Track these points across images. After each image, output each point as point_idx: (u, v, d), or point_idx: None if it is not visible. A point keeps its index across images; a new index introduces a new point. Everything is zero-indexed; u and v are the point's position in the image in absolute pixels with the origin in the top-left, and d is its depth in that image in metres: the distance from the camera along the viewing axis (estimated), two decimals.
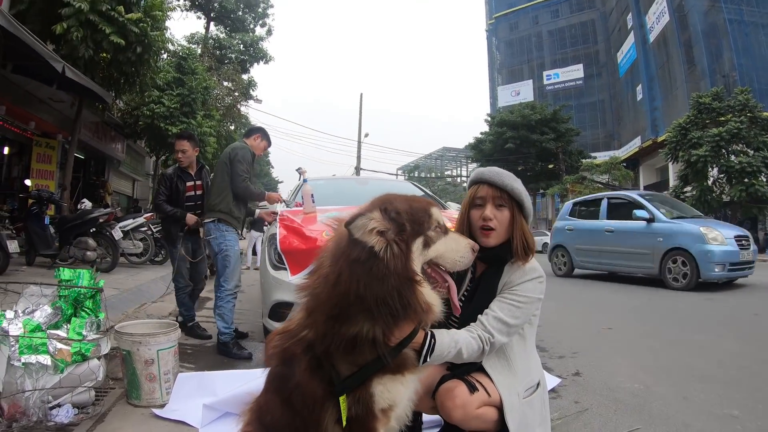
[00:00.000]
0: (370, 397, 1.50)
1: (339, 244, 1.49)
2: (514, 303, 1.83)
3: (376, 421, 1.54)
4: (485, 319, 1.81)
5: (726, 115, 22.66)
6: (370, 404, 1.51)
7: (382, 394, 1.52)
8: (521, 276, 1.87)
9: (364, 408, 1.50)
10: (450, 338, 1.71)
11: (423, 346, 1.62)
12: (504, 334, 1.81)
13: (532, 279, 1.87)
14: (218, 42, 23.47)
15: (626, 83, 43.39)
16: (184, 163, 4.64)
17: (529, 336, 1.98)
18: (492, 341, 1.78)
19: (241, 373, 3.04)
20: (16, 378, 2.31)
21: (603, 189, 30.52)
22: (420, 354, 1.63)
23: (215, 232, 4.15)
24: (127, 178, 20.20)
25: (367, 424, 1.53)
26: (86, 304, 2.72)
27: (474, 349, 1.76)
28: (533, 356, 2.02)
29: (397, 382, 1.55)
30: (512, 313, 1.82)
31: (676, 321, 5.57)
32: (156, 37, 9.12)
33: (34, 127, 11.69)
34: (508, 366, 1.91)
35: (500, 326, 1.79)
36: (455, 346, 1.71)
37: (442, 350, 1.67)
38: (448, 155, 65.62)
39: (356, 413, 1.50)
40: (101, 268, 7.52)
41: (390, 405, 1.55)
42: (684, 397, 3.01)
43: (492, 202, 1.92)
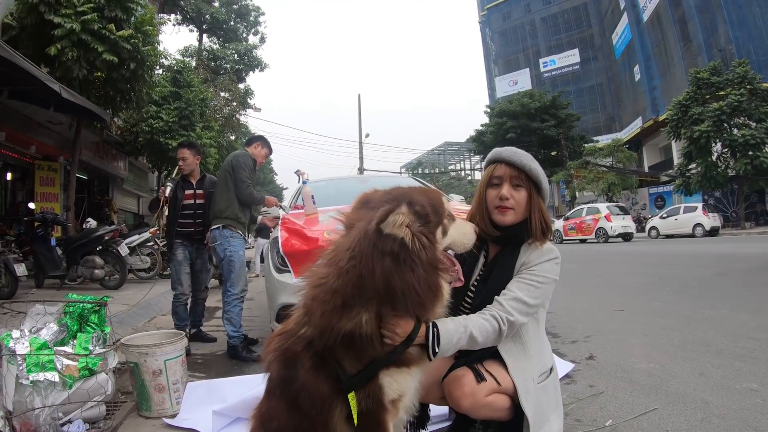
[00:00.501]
0: (379, 389, 1.50)
1: (360, 238, 1.49)
2: (533, 283, 1.80)
3: (386, 413, 1.53)
4: (503, 300, 1.77)
5: (725, 89, 22.57)
6: (380, 396, 1.50)
7: (390, 385, 1.52)
8: (539, 256, 1.84)
9: (374, 401, 1.50)
10: (456, 324, 1.67)
11: (426, 338, 1.59)
12: (524, 314, 1.77)
13: (550, 260, 1.85)
14: (212, 53, 23.50)
15: (623, 64, 43.25)
16: (184, 171, 4.63)
17: (541, 319, 1.95)
18: (511, 320, 1.74)
19: (249, 378, 3.03)
20: (25, 396, 2.31)
21: (607, 173, 30.42)
22: (426, 347, 1.59)
23: (220, 238, 4.22)
24: (132, 195, 20.27)
25: (377, 417, 1.52)
26: (91, 318, 2.72)
27: (488, 330, 1.71)
28: (545, 341, 1.99)
29: (404, 373, 1.55)
30: (531, 293, 1.79)
31: (688, 298, 5.52)
32: (148, 52, 9.12)
33: (35, 150, 11.74)
34: (524, 350, 1.87)
35: (520, 306, 1.76)
36: (464, 330, 1.66)
37: (450, 338, 1.62)
38: (450, 150, 65.70)
39: (366, 407, 1.49)
40: (110, 285, 7.55)
41: (399, 395, 1.54)
42: (701, 373, 2.97)
43: (509, 182, 1.89)
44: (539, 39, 52.36)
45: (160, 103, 13.50)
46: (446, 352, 1.64)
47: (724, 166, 22.97)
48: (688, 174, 24.29)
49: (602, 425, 2.31)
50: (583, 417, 2.42)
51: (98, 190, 16.84)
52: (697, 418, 2.32)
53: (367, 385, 1.49)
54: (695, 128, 22.15)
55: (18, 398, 2.31)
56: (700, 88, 23.47)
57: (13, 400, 2.31)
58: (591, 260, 11.10)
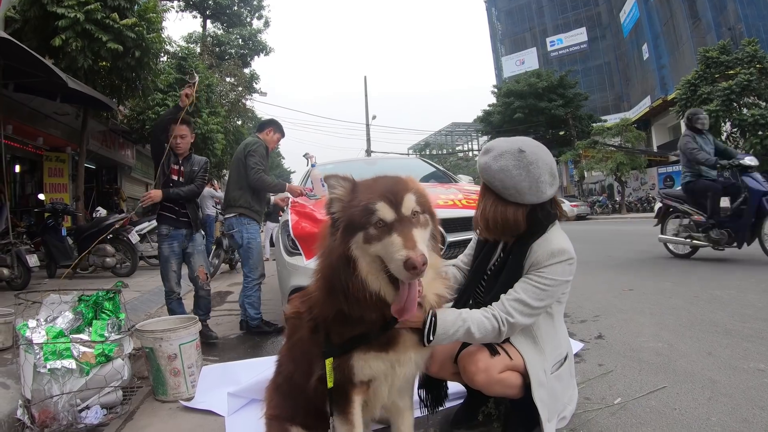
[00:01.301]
0: (350, 369, 1.60)
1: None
2: (540, 286, 1.76)
3: (353, 388, 1.64)
4: (506, 300, 1.76)
5: (735, 68, 22.22)
6: (350, 374, 1.61)
7: (362, 369, 1.61)
8: (549, 258, 1.79)
9: (344, 377, 1.61)
10: (456, 316, 1.69)
11: (423, 325, 1.62)
12: (526, 315, 1.76)
13: (561, 261, 1.79)
14: (216, 39, 23.41)
15: (631, 43, 42.65)
16: (180, 149, 4.12)
17: (557, 313, 1.94)
18: (511, 322, 1.73)
19: (263, 360, 3.07)
20: (43, 384, 2.36)
21: (616, 152, 30.16)
22: (423, 333, 1.64)
23: (238, 226, 4.35)
24: (140, 182, 20.34)
25: (345, 391, 1.64)
26: (106, 306, 2.77)
27: (487, 329, 1.72)
28: (561, 330, 1.99)
29: (378, 359, 1.60)
30: (537, 295, 1.76)
31: (696, 278, 5.51)
32: (153, 39, 9.11)
33: (43, 142, 11.82)
34: (535, 345, 1.88)
35: (522, 308, 1.75)
36: (463, 324, 1.68)
37: (447, 328, 1.65)
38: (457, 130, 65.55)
39: (339, 380, 1.61)
40: (121, 273, 7.65)
41: (369, 378, 1.64)
42: (708, 353, 2.98)
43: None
44: (546, 18, 51.67)
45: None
46: (441, 341, 1.66)
47: (734, 145, 22.69)
48: None
49: (611, 403, 2.34)
50: (592, 395, 2.45)
51: (106, 179, 16.94)
52: (704, 396, 2.34)
53: (342, 359, 1.60)
54: (704, 107, 21.83)
55: (36, 386, 2.35)
56: (709, 67, 23.10)
57: (32, 388, 2.35)
58: (599, 240, 11.06)
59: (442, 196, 3.80)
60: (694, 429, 2.03)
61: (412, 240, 1.42)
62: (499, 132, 35.78)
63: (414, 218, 1.49)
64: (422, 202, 1.54)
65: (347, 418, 1.64)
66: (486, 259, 1.99)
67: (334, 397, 1.63)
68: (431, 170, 5.47)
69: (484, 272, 1.98)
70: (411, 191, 1.53)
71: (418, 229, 1.48)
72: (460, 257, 2.17)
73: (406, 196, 1.50)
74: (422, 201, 1.54)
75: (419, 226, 1.49)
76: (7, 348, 3.38)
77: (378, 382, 1.65)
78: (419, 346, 1.65)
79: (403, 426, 1.83)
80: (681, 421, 2.11)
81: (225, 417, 2.47)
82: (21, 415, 2.36)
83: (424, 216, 1.53)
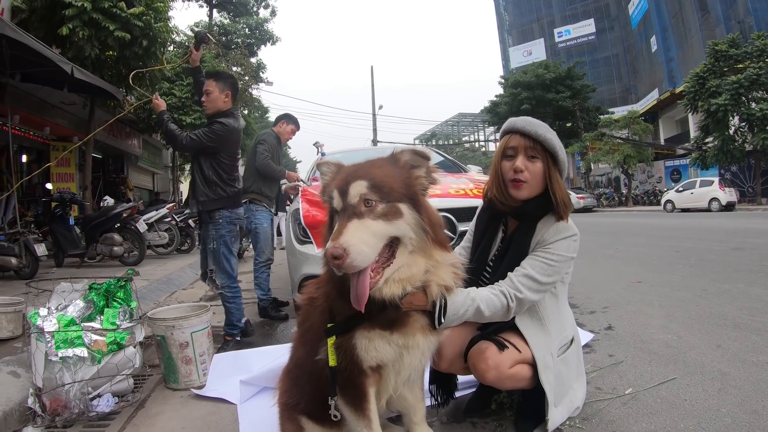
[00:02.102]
0: (352, 348, 1.55)
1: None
2: (547, 261, 1.78)
3: (365, 377, 1.59)
4: (514, 276, 1.77)
5: (744, 62, 22.02)
6: (353, 356, 1.55)
7: (366, 349, 1.55)
8: (555, 234, 1.82)
9: (349, 360, 1.56)
10: (465, 296, 1.68)
11: (433, 307, 1.61)
12: (534, 291, 1.77)
13: (566, 237, 1.82)
14: (223, 28, 23.27)
15: (639, 35, 42.28)
16: (208, 110, 3.60)
17: (561, 294, 1.95)
18: (520, 297, 1.74)
19: (274, 348, 3.08)
20: (54, 373, 2.35)
21: (623, 145, 30.00)
22: (433, 316, 1.62)
23: (247, 212, 4.46)
24: (146, 172, 20.43)
25: (354, 379, 1.58)
26: (117, 294, 2.76)
27: (497, 306, 1.73)
28: (566, 313, 2.01)
29: (382, 337, 1.56)
30: (544, 270, 1.78)
31: (705, 271, 5.49)
32: (160, 29, 9.10)
33: (49, 132, 11.84)
34: (541, 325, 1.89)
35: (530, 283, 1.76)
36: (472, 303, 1.68)
37: (457, 309, 1.64)
38: (464, 121, 65.34)
39: (344, 365, 1.56)
40: (129, 262, 7.66)
41: (378, 364, 1.58)
42: (718, 345, 2.98)
43: (524, 153, 1.84)
44: (554, 8, 51.24)
45: (173, 79, 13.50)
46: (451, 322, 1.66)
47: (742, 140, 22.51)
48: (704, 147, 23.89)
49: (622, 393, 2.35)
50: (604, 385, 2.46)
51: (113, 169, 16.99)
52: (714, 388, 2.35)
53: (344, 337, 1.56)
54: (713, 101, 21.67)
55: (47, 375, 2.35)
56: (718, 60, 22.88)
57: (43, 376, 2.34)
58: (606, 232, 11.03)
59: (453, 186, 3.79)
60: (704, 420, 2.03)
61: (339, 231, 1.38)
62: None
63: (364, 207, 1.42)
64: (385, 190, 1.45)
65: (364, 414, 1.60)
66: (487, 248, 1.99)
67: (345, 389, 1.59)
68: (441, 160, 5.44)
69: (486, 262, 1.98)
70: (363, 178, 1.45)
71: (365, 219, 1.41)
72: (457, 249, 2.11)
73: (353, 183, 1.44)
74: (384, 189, 1.45)
75: (369, 216, 1.42)
76: (17, 336, 3.38)
77: (386, 370, 1.62)
78: (428, 330, 1.63)
79: (415, 417, 1.84)
80: (691, 411, 2.11)
81: (237, 405, 2.48)
82: (32, 404, 2.36)
83: (384, 205, 1.44)
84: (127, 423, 2.37)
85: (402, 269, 1.50)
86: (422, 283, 1.56)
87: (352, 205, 1.43)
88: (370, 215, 1.41)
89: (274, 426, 1.98)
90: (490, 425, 2.11)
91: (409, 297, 1.55)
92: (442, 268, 1.59)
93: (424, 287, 1.57)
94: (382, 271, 1.45)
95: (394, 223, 1.44)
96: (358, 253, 1.35)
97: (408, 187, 1.48)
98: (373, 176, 1.46)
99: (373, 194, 1.42)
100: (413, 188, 1.50)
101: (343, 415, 1.62)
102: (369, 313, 1.49)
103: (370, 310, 1.49)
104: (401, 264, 1.49)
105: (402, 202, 1.46)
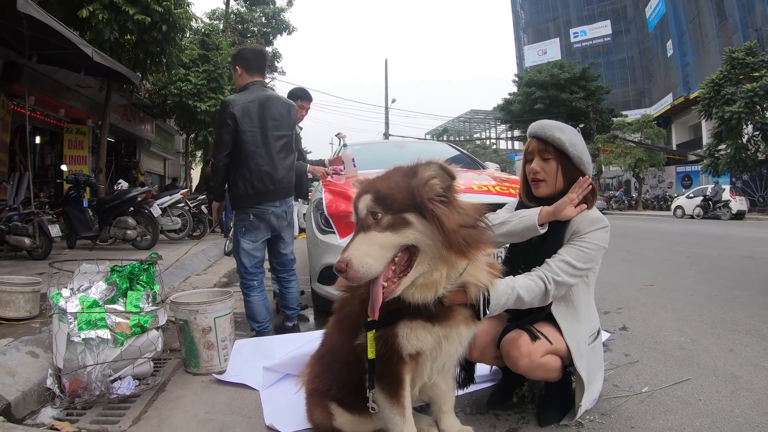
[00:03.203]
0: (394, 337, 1.59)
1: None
2: (583, 249, 1.88)
3: (403, 364, 1.62)
4: (552, 262, 1.86)
5: (760, 71, 21.80)
6: (395, 344, 1.59)
7: (408, 338, 1.59)
8: (589, 225, 1.92)
9: (389, 348, 1.60)
10: (505, 285, 1.75)
11: (478, 300, 1.65)
12: (571, 275, 1.85)
13: (599, 228, 1.93)
14: (239, 16, 23.21)
15: (656, 39, 41.99)
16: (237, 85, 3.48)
17: (592, 284, 2.05)
18: (558, 280, 1.82)
19: (296, 336, 3.12)
20: (77, 354, 2.34)
21: (635, 148, 29.81)
22: (477, 309, 1.66)
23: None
24: (158, 157, 20.54)
25: (392, 366, 1.62)
26: (141, 277, 2.76)
27: (535, 291, 1.80)
28: (593, 304, 2.10)
29: (424, 328, 1.60)
30: (581, 257, 1.87)
31: (716, 278, 5.51)
32: (180, 14, 9.11)
33: (64, 114, 11.91)
34: (576, 313, 1.97)
35: (567, 268, 1.85)
36: (512, 291, 1.75)
37: (499, 299, 1.71)
38: (476, 118, 65.00)
39: (383, 353, 1.60)
40: (141, 246, 7.69)
41: (417, 351, 1.62)
42: (730, 349, 3.02)
43: (539, 155, 2.00)
44: (570, 8, 50.93)
45: (189, 65, 13.55)
46: (494, 312, 1.73)
47: (755, 149, 22.33)
48: (717, 155, 23.71)
49: (639, 391, 2.39)
50: (621, 383, 2.50)
51: (125, 153, 17.10)
52: (727, 390, 2.39)
53: (386, 329, 1.60)
54: (727, 108, 21.47)
55: (69, 356, 2.33)
56: (734, 67, 22.67)
57: (64, 357, 2.33)
58: (618, 235, 11.00)
59: (476, 182, 3.81)
60: (718, 419, 2.07)
61: (348, 245, 1.45)
62: (519, 122, 35.51)
63: (372, 220, 1.46)
64: (388, 201, 1.47)
65: (399, 401, 1.63)
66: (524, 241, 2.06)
67: (382, 376, 1.63)
68: (460, 156, 5.40)
69: (526, 248, 2.03)
70: (368, 192, 1.50)
71: (371, 231, 1.45)
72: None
73: (361, 198, 1.51)
74: (388, 200, 1.47)
75: (375, 228, 1.45)
76: (34, 317, 3.33)
77: (423, 357, 1.65)
78: (470, 321, 1.67)
79: (444, 406, 1.89)
80: (706, 411, 2.15)
81: (260, 391, 2.48)
82: (51, 384, 2.34)
83: (390, 216, 1.46)
84: (148, 406, 2.36)
85: (425, 275, 1.53)
86: (460, 284, 1.60)
87: (361, 219, 1.49)
88: (376, 228, 1.45)
89: (299, 412, 2.02)
90: (513, 417, 2.15)
91: (451, 296, 1.59)
92: (478, 268, 1.62)
93: (464, 287, 1.61)
94: (398, 280, 1.48)
95: (402, 233, 1.46)
96: (361, 266, 1.40)
97: (414, 197, 1.48)
98: (377, 189, 1.50)
99: (378, 207, 1.46)
100: (421, 197, 1.48)
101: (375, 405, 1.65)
102: (410, 309, 1.55)
103: (412, 309, 1.56)
104: (423, 271, 1.51)
105: (408, 212, 1.47)
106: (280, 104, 3.38)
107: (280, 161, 3.33)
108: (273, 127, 3.29)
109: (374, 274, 1.42)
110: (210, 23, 17.40)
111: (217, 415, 2.26)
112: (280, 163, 3.32)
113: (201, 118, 13.76)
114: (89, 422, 2.18)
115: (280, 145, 3.33)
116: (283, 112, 3.38)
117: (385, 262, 1.44)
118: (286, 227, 3.49)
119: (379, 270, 1.43)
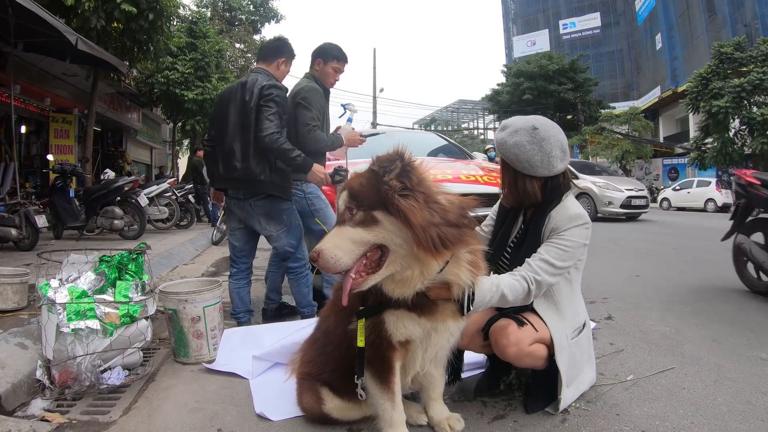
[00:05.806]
0: (381, 323, 1.64)
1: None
2: (561, 247, 1.89)
3: (393, 351, 1.67)
4: (532, 261, 1.87)
5: (748, 66, 21.93)
6: (382, 331, 1.64)
7: (396, 327, 1.64)
8: (568, 222, 1.92)
9: (378, 335, 1.65)
10: (490, 283, 1.77)
11: (463, 296, 1.68)
12: (551, 275, 1.86)
13: (578, 225, 1.93)
14: (227, 4, 22.96)
15: (645, 32, 42.15)
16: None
17: (574, 279, 2.06)
18: (538, 280, 1.83)
19: (285, 324, 3.12)
20: (66, 345, 2.33)
21: (622, 140, 30.00)
22: (461, 305, 1.69)
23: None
24: (145, 146, 20.29)
25: (382, 352, 1.67)
26: (130, 267, 2.75)
27: (518, 290, 1.82)
28: (579, 298, 2.12)
29: (411, 318, 1.64)
30: (560, 256, 1.88)
31: (701, 269, 5.60)
32: (167, 2, 9.01)
33: (50, 103, 11.71)
34: (557, 310, 1.99)
35: (547, 267, 1.85)
36: (496, 290, 1.77)
37: (483, 295, 1.73)
38: (464, 107, 64.91)
39: (372, 340, 1.66)
40: (128, 236, 7.61)
41: (407, 339, 1.66)
42: (713, 339, 3.08)
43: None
44: (560, 0, 50.89)
45: (176, 54, 13.41)
46: (478, 309, 1.76)
47: (741, 143, 22.53)
48: (703, 148, 23.92)
49: (624, 379, 2.43)
50: (606, 371, 2.54)
51: (112, 142, 16.87)
52: (711, 379, 2.44)
53: (375, 318, 1.66)
54: (714, 103, 21.62)
55: (58, 347, 2.32)
56: (723, 62, 22.82)
57: (54, 348, 2.31)
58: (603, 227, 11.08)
59: (464, 172, 3.82)
60: (702, 407, 2.12)
61: (325, 237, 1.55)
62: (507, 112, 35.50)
63: (348, 215, 1.53)
64: (359, 198, 1.53)
65: (389, 387, 1.68)
66: (508, 230, 2.11)
67: (373, 362, 1.67)
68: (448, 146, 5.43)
69: (507, 244, 2.09)
70: (346, 188, 1.58)
71: (345, 226, 1.53)
72: (482, 225, 2.25)
73: (341, 194, 1.59)
74: (359, 197, 1.53)
75: (349, 223, 1.52)
76: (22, 308, 3.27)
77: (413, 345, 1.69)
78: (457, 316, 1.71)
79: (433, 393, 1.93)
80: (690, 399, 2.20)
81: (249, 380, 2.50)
82: (40, 376, 2.33)
83: (361, 213, 1.52)
84: (138, 396, 2.36)
85: (399, 273, 1.56)
86: (441, 281, 1.63)
87: (341, 213, 1.56)
88: (350, 222, 1.52)
89: (289, 400, 2.05)
90: (500, 404, 2.18)
91: (436, 291, 1.62)
92: (460, 267, 1.64)
93: (448, 283, 1.64)
94: (366, 276, 1.53)
95: (372, 230, 1.51)
96: (331, 257, 1.47)
97: (380, 193, 1.51)
98: (351, 186, 1.57)
99: (352, 203, 1.53)
100: (386, 194, 1.50)
101: (365, 392, 1.69)
102: (396, 301, 1.60)
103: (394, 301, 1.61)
104: (395, 270, 1.55)
105: (376, 210, 1.51)
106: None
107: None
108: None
109: (343, 267, 1.49)
110: (197, 11, 17.19)
111: (207, 404, 2.27)
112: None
113: (188, 106, 13.65)
114: (79, 413, 2.18)
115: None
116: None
117: (354, 257, 1.50)
118: (258, 223, 3.18)
119: (347, 263, 1.49)
